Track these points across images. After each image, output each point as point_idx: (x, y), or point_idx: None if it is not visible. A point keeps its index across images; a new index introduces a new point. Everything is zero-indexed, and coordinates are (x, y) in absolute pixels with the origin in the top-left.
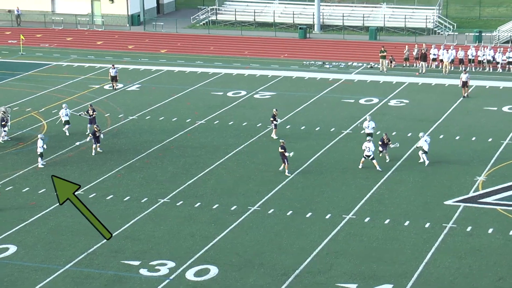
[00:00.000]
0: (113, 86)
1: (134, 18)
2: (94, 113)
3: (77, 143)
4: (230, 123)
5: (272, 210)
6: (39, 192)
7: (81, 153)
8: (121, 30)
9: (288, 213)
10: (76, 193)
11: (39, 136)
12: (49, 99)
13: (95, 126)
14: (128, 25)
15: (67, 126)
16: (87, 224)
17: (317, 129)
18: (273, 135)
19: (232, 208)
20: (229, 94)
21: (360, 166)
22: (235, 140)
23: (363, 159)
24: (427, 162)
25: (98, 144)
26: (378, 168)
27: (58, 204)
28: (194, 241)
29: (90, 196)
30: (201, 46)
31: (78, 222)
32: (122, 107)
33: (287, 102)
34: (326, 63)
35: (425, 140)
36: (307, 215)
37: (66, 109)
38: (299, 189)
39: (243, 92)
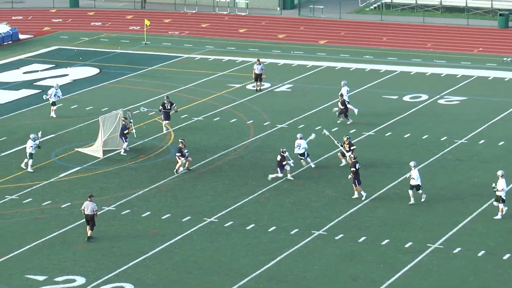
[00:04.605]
0: (257, 87)
1: (286, 1)
2: (173, 106)
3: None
4: (406, 136)
5: (458, 249)
6: (163, 217)
7: (215, 169)
8: (270, 15)
9: (480, 254)
10: (209, 220)
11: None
12: (177, 101)
13: None
14: (278, 8)
15: (54, 108)
16: (221, 259)
17: None
18: None
19: (407, 245)
20: (406, 98)
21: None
22: (411, 157)
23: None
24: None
25: None
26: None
27: (186, 233)
28: (357, 286)
29: (226, 225)
30: (371, 37)
31: (210, 256)
32: (268, 113)
33: (480, 110)
34: None
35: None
36: (505, 257)
37: (57, 89)
38: (493, 222)
39: (424, 96)
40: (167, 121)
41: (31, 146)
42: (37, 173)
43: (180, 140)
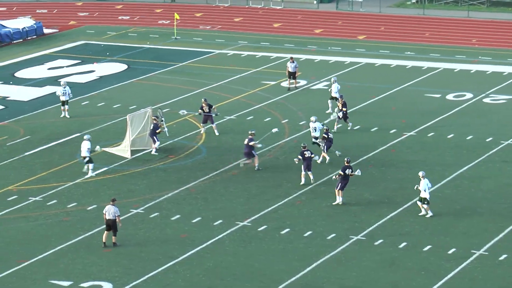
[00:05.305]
0: (290, 85)
1: None
2: (213, 108)
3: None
4: (449, 136)
5: (504, 255)
6: (193, 221)
7: (248, 171)
8: (306, 8)
9: None
10: (242, 224)
11: None
12: (208, 99)
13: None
14: (315, 2)
15: (66, 108)
16: (254, 265)
17: None
18: None
19: (450, 252)
20: (449, 96)
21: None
22: (455, 159)
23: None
24: (430, 214)
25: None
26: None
27: (217, 237)
28: None
29: (259, 229)
30: (413, 32)
31: (243, 262)
32: (304, 111)
33: None
34: None
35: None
36: None
37: (65, 87)
38: None
39: (469, 95)
40: (204, 124)
41: (88, 149)
42: (61, 174)
43: (251, 132)
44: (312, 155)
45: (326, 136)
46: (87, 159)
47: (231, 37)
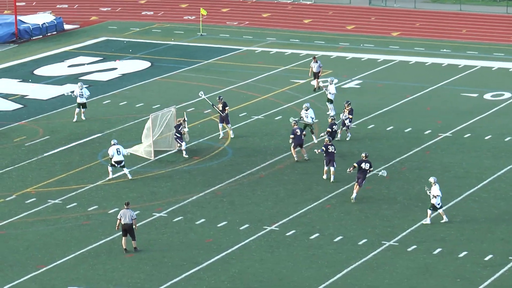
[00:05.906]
0: (317, 85)
1: None
2: (226, 108)
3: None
4: (486, 138)
5: None
6: (219, 225)
7: (276, 173)
8: (338, 4)
9: None
10: (269, 229)
11: None
12: (235, 98)
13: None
14: None
15: (82, 111)
16: (281, 271)
17: None
18: None
19: (486, 258)
20: (487, 96)
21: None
22: (493, 161)
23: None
24: (428, 221)
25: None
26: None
27: (244, 242)
28: None
29: (287, 234)
30: (449, 28)
31: (270, 268)
32: (335, 111)
33: None
34: None
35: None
36: None
37: (82, 88)
38: None
39: (507, 94)
40: (221, 124)
41: (124, 155)
42: (82, 176)
43: (293, 123)
44: (336, 151)
45: (330, 130)
46: (123, 163)
47: (259, 34)
